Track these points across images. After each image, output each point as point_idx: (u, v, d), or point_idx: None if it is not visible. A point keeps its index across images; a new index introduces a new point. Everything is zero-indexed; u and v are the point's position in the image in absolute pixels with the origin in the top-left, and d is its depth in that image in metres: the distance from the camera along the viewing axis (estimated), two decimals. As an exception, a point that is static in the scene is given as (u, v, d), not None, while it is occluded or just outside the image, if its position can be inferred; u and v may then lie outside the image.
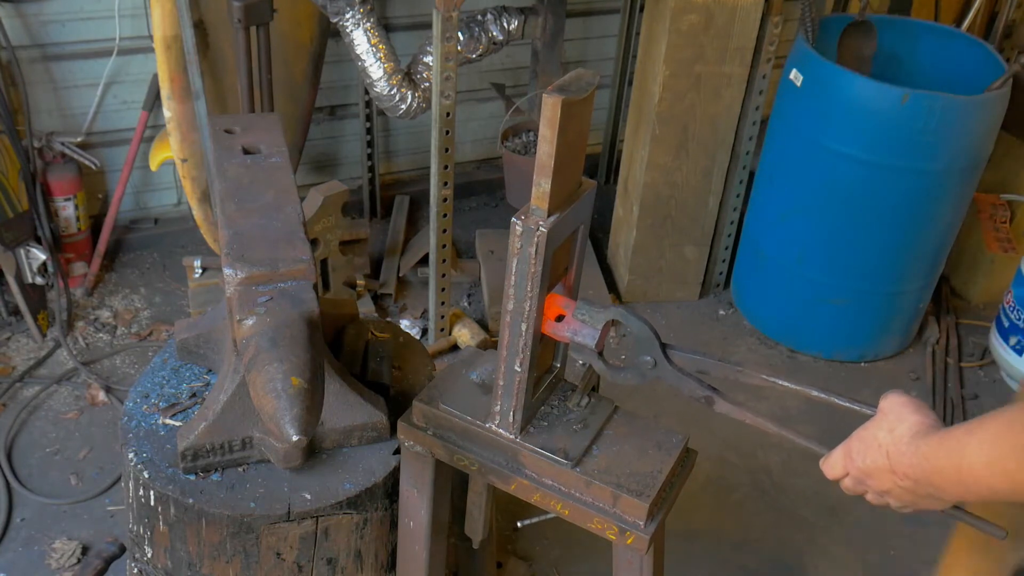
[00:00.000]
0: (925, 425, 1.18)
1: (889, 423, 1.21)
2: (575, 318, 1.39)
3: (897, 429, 1.19)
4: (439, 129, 2.64)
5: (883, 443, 1.20)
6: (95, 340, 3.08)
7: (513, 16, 2.98)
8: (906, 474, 1.17)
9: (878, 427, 1.22)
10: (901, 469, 1.17)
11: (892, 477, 1.19)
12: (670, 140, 3.09)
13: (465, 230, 3.65)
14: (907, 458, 1.17)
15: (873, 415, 1.26)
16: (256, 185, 1.69)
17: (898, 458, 1.18)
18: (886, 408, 1.23)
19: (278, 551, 1.58)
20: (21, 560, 2.41)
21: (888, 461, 1.19)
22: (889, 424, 1.21)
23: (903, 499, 1.21)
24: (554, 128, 1.20)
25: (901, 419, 1.20)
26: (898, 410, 1.21)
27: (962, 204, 3.02)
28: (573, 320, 1.39)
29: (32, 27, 2.99)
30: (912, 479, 1.17)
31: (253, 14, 2.65)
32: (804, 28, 2.95)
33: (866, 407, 1.30)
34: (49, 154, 3.07)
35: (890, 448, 1.19)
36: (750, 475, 2.82)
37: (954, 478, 1.11)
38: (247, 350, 1.43)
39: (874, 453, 1.21)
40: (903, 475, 1.18)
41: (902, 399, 1.23)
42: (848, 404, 1.33)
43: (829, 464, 1.29)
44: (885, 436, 1.20)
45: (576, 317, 1.39)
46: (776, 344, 3.34)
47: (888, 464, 1.19)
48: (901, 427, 1.19)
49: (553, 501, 1.46)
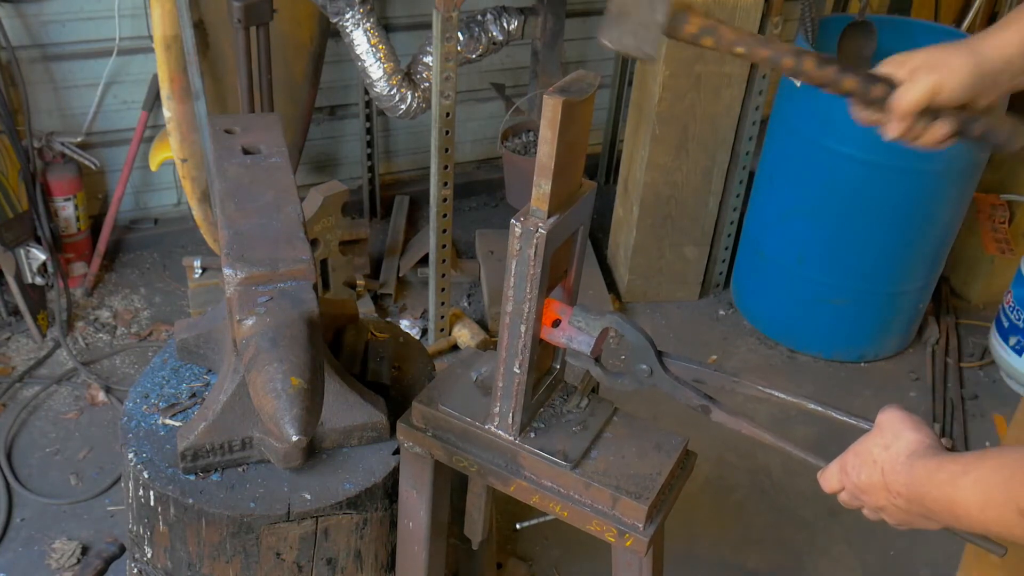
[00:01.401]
0: (923, 445, 1.15)
1: (885, 439, 1.18)
2: (571, 324, 1.39)
3: (893, 446, 1.17)
4: (439, 129, 2.64)
5: (878, 459, 1.18)
6: (95, 340, 3.08)
7: (513, 16, 2.98)
8: (899, 493, 1.15)
9: (874, 443, 1.19)
10: (895, 488, 1.15)
11: (886, 494, 1.17)
12: (670, 140, 3.09)
13: (465, 230, 3.65)
14: (902, 477, 1.14)
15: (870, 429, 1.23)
16: (256, 185, 1.69)
17: (893, 476, 1.15)
18: (883, 423, 1.20)
19: (278, 551, 1.58)
20: (21, 560, 2.41)
21: (883, 478, 1.16)
22: (885, 440, 1.18)
23: (897, 517, 1.19)
24: (554, 129, 1.20)
25: (898, 436, 1.17)
26: (895, 426, 1.19)
27: (962, 204, 3.02)
28: (569, 326, 1.39)
29: (32, 27, 2.99)
30: (905, 498, 1.14)
31: (253, 14, 2.65)
32: (804, 28, 2.95)
33: (863, 421, 1.27)
34: (49, 154, 3.07)
35: (885, 465, 1.16)
36: (750, 475, 2.82)
37: (947, 509, 1.09)
38: (247, 350, 1.43)
39: (869, 469, 1.18)
40: (896, 493, 1.15)
41: (900, 415, 1.20)
42: (845, 418, 1.30)
43: (825, 478, 1.27)
44: (880, 452, 1.18)
45: (572, 323, 1.39)
46: (776, 344, 3.34)
47: (883, 481, 1.16)
48: (897, 444, 1.16)
49: (552, 503, 1.46)
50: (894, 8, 3.90)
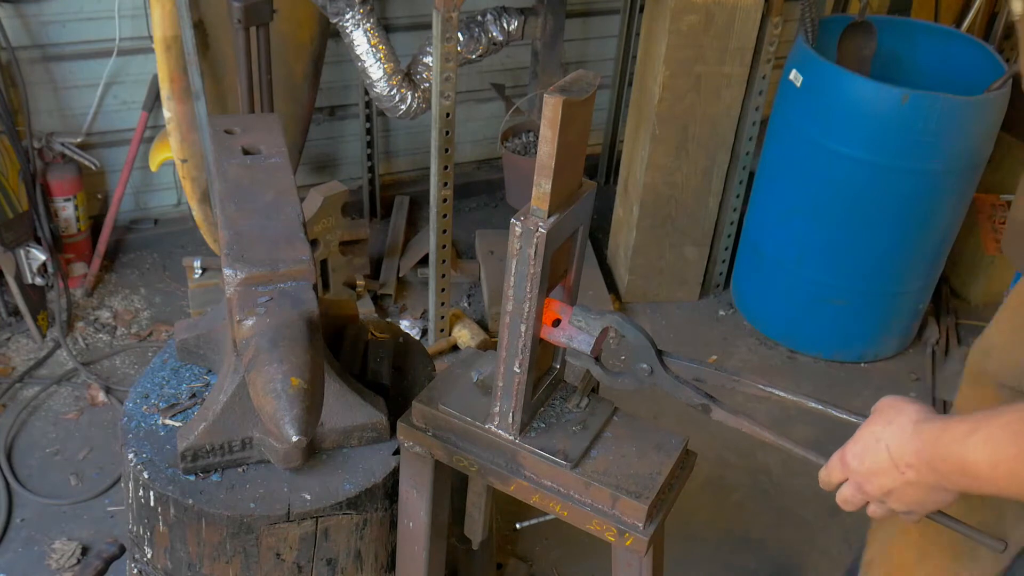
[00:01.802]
0: (924, 412, 1.15)
1: (886, 417, 1.18)
2: (571, 324, 1.39)
3: (896, 420, 1.16)
4: (439, 129, 2.64)
5: (881, 437, 1.16)
6: (95, 340, 3.08)
7: (513, 16, 2.98)
8: (910, 464, 1.13)
9: (874, 424, 1.19)
10: (904, 459, 1.13)
11: (894, 473, 1.15)
12: (670, 140, 3.09)
13: (465, 230, 3.65)
14: (910, 445, 1.13)
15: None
16: (256, 185, 1.69)
17: (899, 448, 1.14)
18: (881, 406, 1.20)
19: (278, 552, 1.58)
20: (21, 560, 2.41)
21: (889, 455, 1.15)
22: (887, 418, 1.18)
23: (907, 497, 1.17)
24: (555, 129, 1.20)
25: (899, 411, 1.17)
26: (895, 404, 1.19)
27: (962, 204, 3.02)
28: (569, 326, 1.39)
29: (32, 27, 2.99)
30: (916, 469, 1.12)
31: (253, 14, 2.65)
32: (804, 28, 2.95)
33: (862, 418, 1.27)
34: (49, 154, 3.07)
35: (890, 441, 1.15)
36: (750, 475, 2.82)
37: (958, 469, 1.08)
38: (247, 350, 1.43)
39: (873, 451, 1.17)
40: (907, 465, 1.13)
41: (897, 397, 1.20)
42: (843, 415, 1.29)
43: (827, 471, 1.25)
44: (882, 430, 1.17)
45: (572, 323, 1.39)
46: (776, 344, 3.34)
47: (889, 459, 1.15)
48: (900, 418, 1.16)
49: (552, 502, 1.46)
50: (894, 8, 3.90)
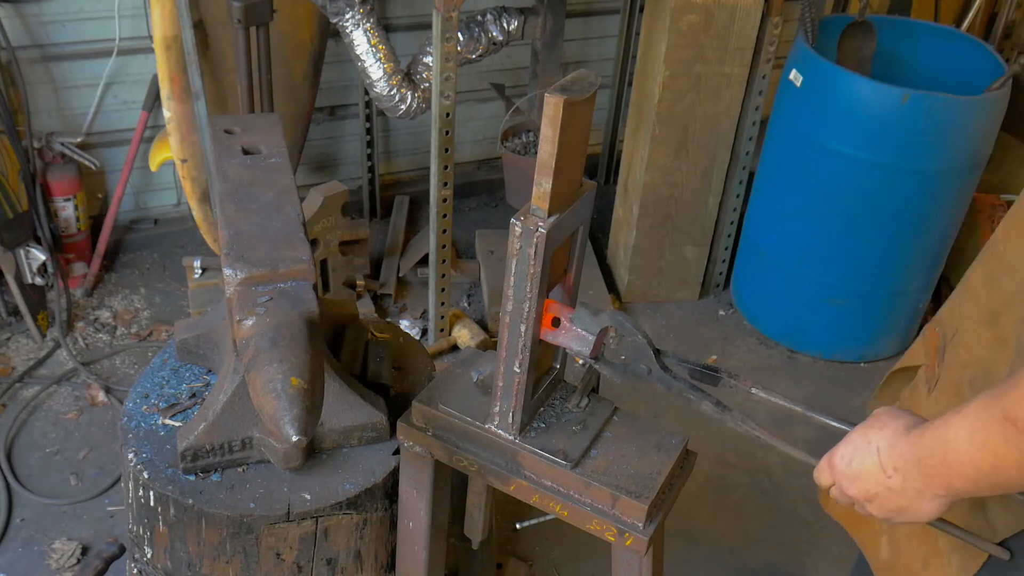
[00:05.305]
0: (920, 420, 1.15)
1: (881, 422, 1.18)
2: (571, 324, 1.39)
3: (890, 425, 1.17)
4: (439, 129, 2.64)
5: (873, 439, 1.17)
6: (95, 340, 3.08)
7: (513, 16, 2.98)
8: (896, 467, 1.14)
9: (868, 428, 1.20)
10: (892, 463, 1.14)
11: (880, 476, 1.16)
12: (670, 140, 3.09)
13: (465, 230, 3.65)
14: (899, 449, 1.14)
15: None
16: (256, 185, 1.70)
17: (889, 451, 1.15)
18: (879, 412, 1.20)
19: (278, 551, 1.58)
20: (21, 560, 2.41)
21: (878, 458, 1.16)
22: (881, 423, 1.18)
23: (887, 504, 1.17)
24: (556, 128, 1.20)
25: (895, 418, 1.17)
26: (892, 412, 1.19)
27: (962, 204, 3.02)
28: (569, 326, 1.39)
29: (32, 27, 2.99)
30: (902, 472, 1.13)
31: (253, 14, 2.65)
32: (804, 28, 2.95)
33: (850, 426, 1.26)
34: (49, 154, 3.07)
35: (881, 443, 1.16)
36: (750, 475, 2.82)
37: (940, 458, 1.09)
38: (247, 350, 1.43)
39: (863, 453, 1.18)
40: (893, 469, 1.14)
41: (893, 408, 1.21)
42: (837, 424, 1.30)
43: (816, 473, 1.26)
44: (876, 433, 1.17)
45: (572, 323, 1.39)
46: (776, 344, 3.34)
47: (877, 463, 1.16)
48: (896, 423, 1.16)
49: (552, 502, 1.46)
50: (894, 8, 3.90)
